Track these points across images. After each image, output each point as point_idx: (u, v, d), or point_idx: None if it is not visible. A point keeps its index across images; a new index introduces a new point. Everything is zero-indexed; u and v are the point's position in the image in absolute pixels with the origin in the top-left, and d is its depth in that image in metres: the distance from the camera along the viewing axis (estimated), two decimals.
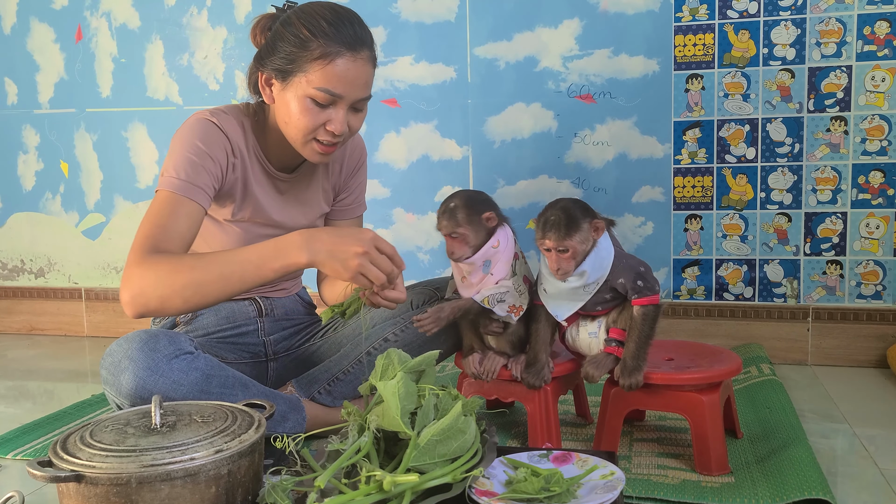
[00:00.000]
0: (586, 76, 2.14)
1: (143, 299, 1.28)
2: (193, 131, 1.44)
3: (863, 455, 1.43)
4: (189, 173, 1.39)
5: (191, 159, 1.41)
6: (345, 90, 1.38)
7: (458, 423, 1.08)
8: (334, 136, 1.42)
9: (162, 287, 1.27)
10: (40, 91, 2.56)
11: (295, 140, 1.44)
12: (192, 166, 1.40)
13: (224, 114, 1.49)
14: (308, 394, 1.52)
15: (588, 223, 1.32)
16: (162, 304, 1.29)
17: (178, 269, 1.28)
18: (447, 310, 1.41)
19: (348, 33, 1.38)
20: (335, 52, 1.36)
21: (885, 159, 1.99)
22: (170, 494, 1.00)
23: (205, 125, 1.45)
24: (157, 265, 1.29)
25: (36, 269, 2.65)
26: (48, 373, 2.19)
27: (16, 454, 1.51)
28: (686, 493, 1.22)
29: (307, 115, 1.39)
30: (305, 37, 1.37)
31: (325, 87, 1.37)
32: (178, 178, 1.39)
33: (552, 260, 1.32)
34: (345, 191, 1.68)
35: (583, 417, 1.61)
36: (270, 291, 1.66)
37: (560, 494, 1.08)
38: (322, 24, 1.37)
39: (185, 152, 1.41)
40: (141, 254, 1.30)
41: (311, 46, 1.36)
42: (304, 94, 1.38)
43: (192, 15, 2.41)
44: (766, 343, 2.09)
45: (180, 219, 1.37)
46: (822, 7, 1.98)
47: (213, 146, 1.44)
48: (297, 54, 1.37)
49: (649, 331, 1.33)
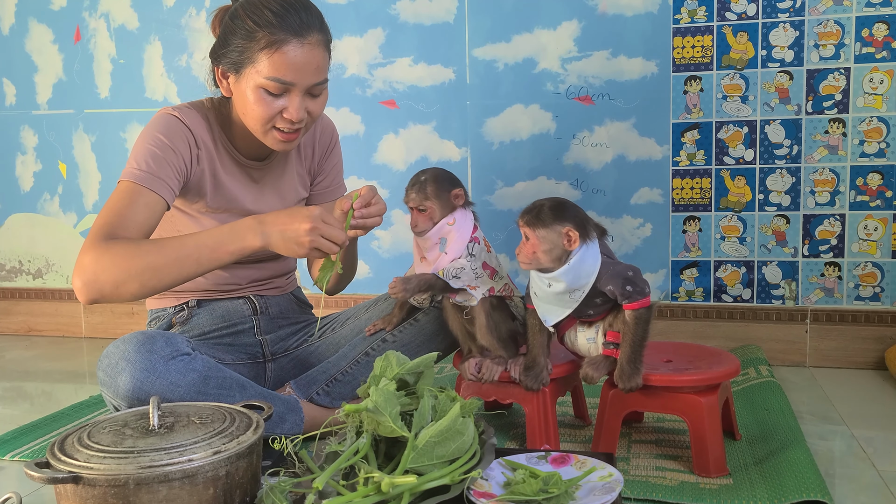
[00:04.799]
0: (585, 78, 2.14)
1: (96, 284, 1.28)
2: (156, 126, 1.46)
3: (861, 457, 1.43)
4: (150, 165, 1.40)
5: (153, 151, 1.41)
6: (295, 77, 1.38)
7: (456, 424, 1.08)
8: (292, 123, 1.42)
9: (116, 271, 1.27)
10: (39, 92, 2.56)
11: (255, 130, 1.45)
12: (153, 158, 1.41)
13: (187, 108, 1.51)
14: (306, 395, 1.52)
15: (561, 228, 1.31)
16: (116, 289, 1.28)
17: (133, 254, 1.29)
18: (413, 280, 1.45)
19: (293, 20, 1.38)
20: (281, 39, 1.36)
21: (883, 161, 1.99)
22: (167, 496, 1.00)
23: (167, 119, 1.46)
24: (112, 250, 1.29)
25: (34, 269, 2.65)
26: (46, 374, 2.19)
27: (13, 455, 1.51)
28: (684, 495, 1.22)
29: (261, 105, 1.40)
30: (251, 28, 1.38)
31: (274, 77, 1.37)
32: (140, 168, 1.39)
33: (520, 243, 1.34)
34: (321, 174, 1.69)
35: (581, 419, 1.61)
36: (264, 290, 1.66)
37: (558, 496, 1.08)
38: (266, 14, 1.38)
39: (146, 145, 1.42)
40: (95, 240, 1.31)
41: (257, 37, 1.37)
42: (256, 84, 1.39)
43: (191, 16, 2.41)
44: (765, 345, 2.09)
45: (139, 208, 1.37)
46: (820, 9, 1.99)
47: (175, 138, 1.44)
48: (245, 46, 1.38)
49: (643, 333, 1.33)
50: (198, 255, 1.30)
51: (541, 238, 1.31)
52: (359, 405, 1.11)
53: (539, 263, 1.33)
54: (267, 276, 1.65)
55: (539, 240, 1.31)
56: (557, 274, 1.31)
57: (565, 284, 1.32)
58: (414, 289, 1.45)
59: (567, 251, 1.32)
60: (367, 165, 2.32)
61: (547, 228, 1.31)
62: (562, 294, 1.34)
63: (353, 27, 2.29)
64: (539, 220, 1.31)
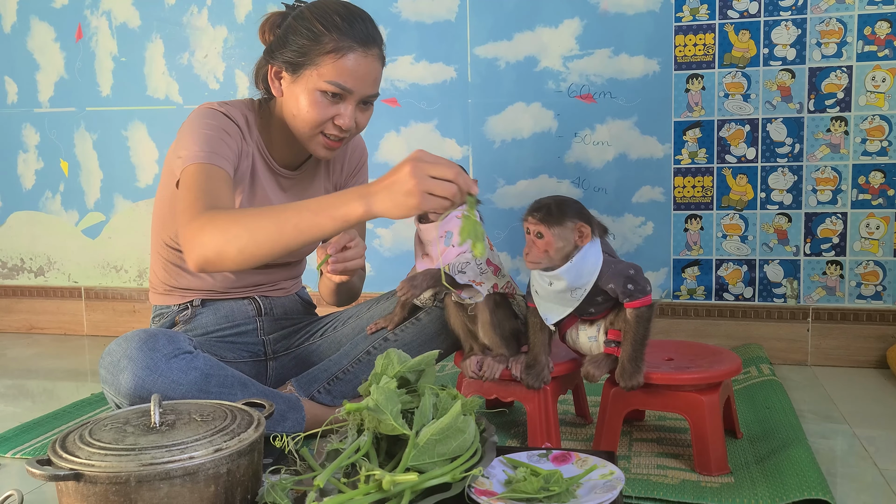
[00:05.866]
0: (586, 76, 2.14)
1: (200, 249, 1.24)
2: (204, 116, 1.44)
3: (862, 456, 1.42)
4: (211, 145, 1.38)
5: (208, 134, 1.40)
6: (355, 85, 1.40)
7: (457, 422, 1.08)
8: (342, 130, 1.44)
9: (217, 236, 1.23)
10: (40, 90, 2.56)
11: (302, 133, 1.45)
12: (211, 140, 1.39)
13: (230, 106, 1.50)
14: (307, 393, 1.52)
15: (574, 224, 1.31)
16: (218, 255, 1.24)
17: (232, 220, 1.24)
18: (419, 278, 1.44)
19: (360, 29, 1.40)
20: (347, 46, 1.38)
21: (885, 160, 1.99)
22: (169, 493, 1.00)
23: (214, 113, 1.45)
24: (212, 219, 1.25)
25: (35, 267, 2.65)
26: (47, 372, 2.19)
27: (15, 453, 1.51)
28: (685, 494, 1.22)
29: (316, 108, 1.41)
30: (319, 31, 1.39)
31: (335, 81, 1.39)
32: (202, 150, 1.37)
33: (528, 243, 1.33)
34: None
35: (582, 417, 1.61)
36: (270, 290, 1.66)
37: (559, 494, 1.08)
38: (335, 19, 1.40)
39: (201, 130, 1.40)
40: (193, 214, 1.27)
41: (323, 40, 1.38)
42: (314, 87, 1.40)
43: (193, 14, 2.41)
44: (766, 343, 2.09)
45: (219, 185, 1.34)
46: (822, 7, 1.98)
47: (227, 128, 1.44)
48: (309, 47, 1.39)
49: (644, 331, 1.32)
50: (298, 220, 1.21)
51: (556, 235, 1.30)
52: (360, 404, 1.11)
53: (549, 262, 1.32)
54: (273, 280, 1.65)
55: (554, 237, 1.30)
56: (559, 272, 1.31)
57: (567, 282, 1.32)
58: (421, 285, 1.44)
59: (576, 247, 1.31)
60: (369, 164, 2.31)
61: (562, 225, 1.30)
62: (563, 292, 1.34)
63: None
64: (553, 217, 1.30)
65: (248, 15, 2.36)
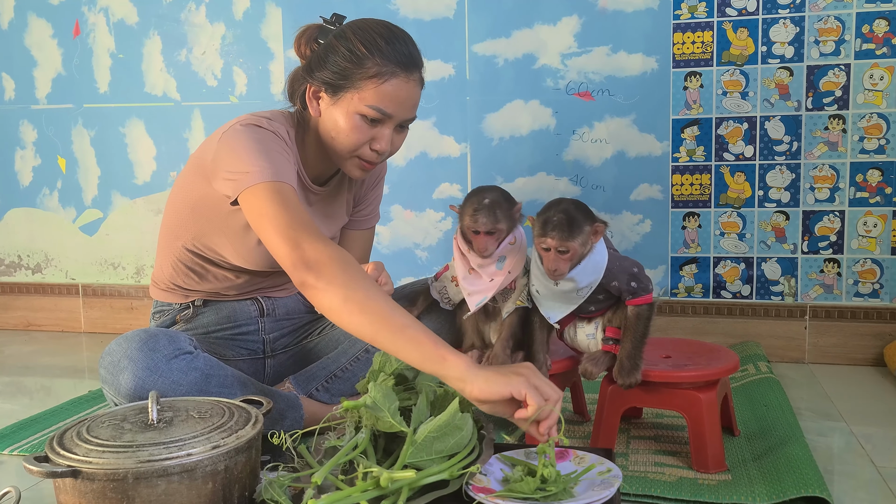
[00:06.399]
0: (585, 74, 2.14)
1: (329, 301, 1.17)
2: (255, 133, 1.36)
3: (859, 453, 1.43)
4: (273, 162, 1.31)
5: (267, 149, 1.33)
6: (395, 110, 1.38)
7: (455, 419, 1.08)
8: (378, 154, 1.41)
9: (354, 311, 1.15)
10: (38, 86, 2.55)
11: (340, 155, 1.42)
12: (271, 155, 1.32)
13: (272, 121, 1.42)
14: (306, 391, 1.52)
15: (589, 226, 1.31)
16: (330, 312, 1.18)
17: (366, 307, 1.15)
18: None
19: (403, 53, 1.37)
20: (390, 71, 1.35)
21: (883, 158, 1.99)
22: (166, 490, 1.00)
23: (262, 132, 1.38)
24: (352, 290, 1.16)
25: (33, 264, 2.65)
26: (45, 368, 2.19)
27: (12, 450, 1.51)
28: (683, 491, 1.22)
29: (356, 131, 1.38)
30: (362, 53, 1.35)
31: (377, 106, 1.36)
32: (265, 168, 1.29)
33: (550, 260, 1.31)
34: (363, 202, 1.67)
35: (580, 415, 1.61)
36: (273, 291, 1.65)
37: (557, 493, 1.08)
38: (379, 42, 1.36)
39: (256, 146, 1.33)
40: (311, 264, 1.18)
41: (366, 64, 1.35)
42: (354, 110, 1.37)
43: (190, 11, 2.40)
44: (764, 341, 2.09)
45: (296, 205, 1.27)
46: (820, 5, 1.98)
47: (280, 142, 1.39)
48: (350, 70, 1.36)
49: (644, 329, 1.33)
50: (406, 351, 1.13)
51: (579, 244, 1.30)
52: (358, 401, 1.11)
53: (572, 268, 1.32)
54: (279, 283, 1.64)
55: (578, 246, 1.30)
56: (572, 274, 1.31)
57: (576, 283, 1.32)
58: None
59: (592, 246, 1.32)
60: None
61: (581, 234, 1.30)
62: (569, 292, 1.34)
63: None
64: (571, 231, 1.29)
65: (245, 12, 2.36)
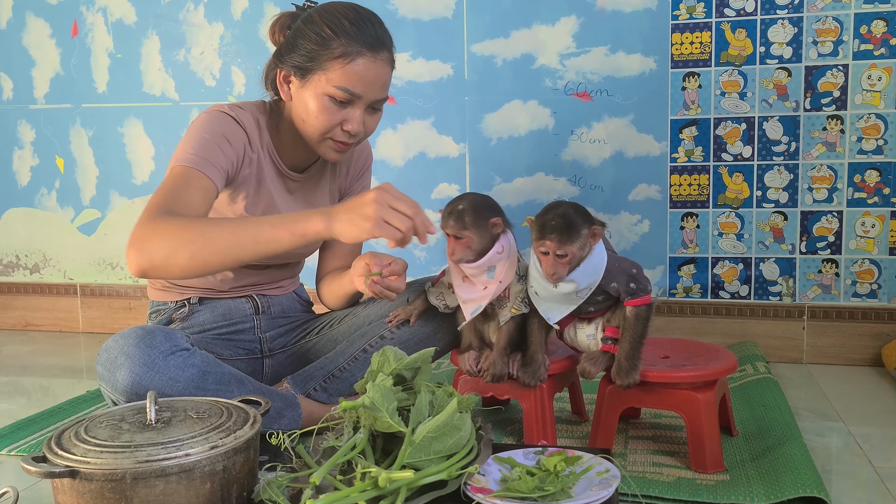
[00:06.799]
0: (583, 74, 2.14)
1: (148, 253, 1.25)
2: (211, 120, 1.44)
3: (857, 453, 1.43)
4: (205, 151, 1.38)
5: (206, 139, 1.40)
6: (364, 90, 1.39)
7: (453, 419, 1.08)
8: (350, 135, 1.43)
9: (169, 241, 1.24)
10: (36, 86, 2.55)
11: (311, 137, 1.44)
12: (207, 145, 1.39)
13: (241, 109, 1.49)
14: (304, 390, 1.52)
15: (587, 229, 1.30)
16: (167, 260, 1.24)
17: (188, 226, 1.26)
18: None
19: (370, 33, 1.39)
20: (356, 51, 1.37)
21: (880, 158, 1.99)
22: (164, 490, 1.00)
23: (223, 117, 1.45)
24: (167, 222, 1.26)
25: (31, 264, 2.65)
26: (43, 369, 2.18)
27: (11, 450, 1.51)
28: (681, 491, 1.22)
29: (325, 113, 1.40)
30: (327, 35, 1.38)
31: (344, 86, 1.38)
32: (195, 154, 1.38)
33: (548, 264, 1.30)
34: (349, 193, 1.69)
35: (578, 415, 1.61)
36: (268, 289, 1.66)
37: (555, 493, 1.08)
38: (344, 24, 1.38)
39: (201, 133, 1.41)
40: (151, 214, 1.28)
41: (332, 45, 1.37)
42: (322, 92, 1.39)
43: (189, 10, 2.40)
44: (762, 341, 2.09)
45: (194, 191, 1.35)
46: (818, 6, 1.98)
47: (231, 135, 1.44)
48: (317, 52, 1.38)
49: (643, 330, 1.33)
50: (256, 232, 1.25)
51: (578, 248, 1.30)
52: (356, 401, 1.11)
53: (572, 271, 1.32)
54: (271, 280, 1.65)
55: (577, 249, 1.30)
56: (572, 276, 1.31)
57: (576, 284, 1.32)
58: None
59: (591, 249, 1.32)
60: None
61: (580, 238, 1.30)
62: (568, 293, 1.34)
63: None
64: (570, 234, 1.29)
65: (244, 11, 2.36)
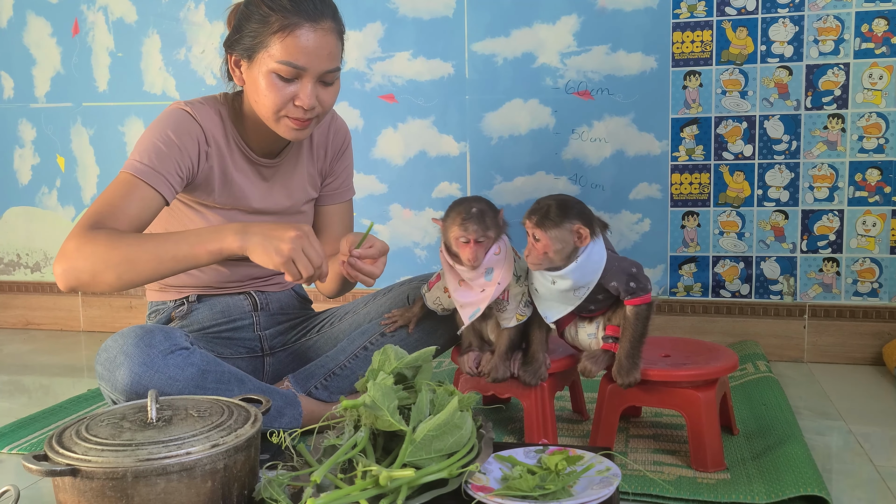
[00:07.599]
0: (584, 73, 2.14)
1: (74, 272, 1.29)
2: (166, 120, 1.45)
3: (858, 452, 1.43)
4: (153, 159, 1.40)
5: (157, 146, 1.41)
6: (307, 62, 1.38)
7: (454, 418, 1.08)
8: (304, 110, 1.41)
9: (95, 260, 1.28)
10: (37, 85, 2.55)
11: (267, 118, 1.44)
12: (157, 153, 1.41)
13: (199, 104, 1.50)
14: (304, 389, 1.52)
15: (571, 225, 1.29)
16: (93, 278, 1.29)
17: (114, 245, 1.28)
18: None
19: (307, 5, 1.38)
20: (294, 23, 1.37)
21: (882, 157, 1.99)
22: (165, 489, 1.00)
23: (178, 114, 1.46)
24: (95, 239, 1.29)
25: (32, 263, 2.65)
26: (44, 367, 2.19)
27: (12, 448, 1.51)
28: (682, 490, 1.22)
29: (273, 90, 1.39)
30: (265, 13, 1.38)
31: (286, 60, 1.37)
32: (141, 162, 1.39)
33: (528, 244, 1.32)
34: (331, 175, 1.68)
35: (579, 414, 1.61)
36: (265, 285, 1.66)
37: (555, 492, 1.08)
38: (283, 0, 1.38)
39: (153, 139, 1.42)
40: (81, 228, 1.31)
41: (270, 21, 1.37)
42: (268, 69, 1.38)
43: (189, 9, 2.40)
44: (763, 340, 2.09)
45: (133, 201, 1.37)
46: (820, 4, 1.98)
47: (183, 136, 1.44)
48: (258, 30, 1.38)
49: (643, 329, 1.32)
50: (175, 252, 1.29)
51: (553, 238, 1.29)
52: (357, 400, 1.11)
53: (550, 263, 1.31)
54: (267, 274, 1.65)
55: (551, 240, 1.29)
56: (565, 272, 1.31)
57: (572, 282, 1.32)
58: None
59: (577, 248, 1.31)
60: (366, 160, 2.32)
61: (559, 228, 1.29)
62: (566, 292, 1.34)
63: (351, 21, 2.28)
64: (550, 220, 1.29)
65: None
